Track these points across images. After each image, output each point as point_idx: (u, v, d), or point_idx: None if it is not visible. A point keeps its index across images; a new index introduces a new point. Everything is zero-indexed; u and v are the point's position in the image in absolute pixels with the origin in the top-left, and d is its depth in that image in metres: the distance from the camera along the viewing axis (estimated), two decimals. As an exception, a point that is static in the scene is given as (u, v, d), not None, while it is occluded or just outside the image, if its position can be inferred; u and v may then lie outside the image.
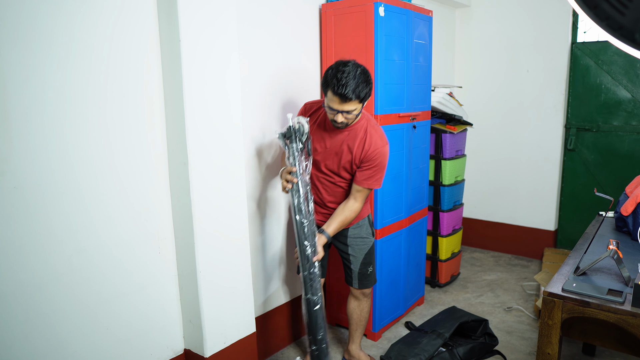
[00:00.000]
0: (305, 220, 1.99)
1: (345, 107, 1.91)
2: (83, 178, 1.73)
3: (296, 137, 1.98)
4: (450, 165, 3.30)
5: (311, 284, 2.00)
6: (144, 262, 1.96)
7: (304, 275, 2.01)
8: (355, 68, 1.90)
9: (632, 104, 3.49)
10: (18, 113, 1.54)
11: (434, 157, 3.33)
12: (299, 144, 1.99)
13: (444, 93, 3.27)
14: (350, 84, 1.87)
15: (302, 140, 1.99)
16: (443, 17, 3.93)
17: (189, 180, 1.92)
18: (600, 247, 1.91)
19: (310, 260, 1.99)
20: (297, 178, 1.99)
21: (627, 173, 3.46)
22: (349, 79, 1.87)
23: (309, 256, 1.99)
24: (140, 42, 1.85)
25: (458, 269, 3.62)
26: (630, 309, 1.42)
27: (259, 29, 2.30)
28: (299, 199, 1.99)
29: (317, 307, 2.00)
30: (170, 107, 1.94)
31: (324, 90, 1.96)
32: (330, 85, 1.90)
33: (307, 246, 1.98)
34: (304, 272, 2.01)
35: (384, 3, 2.36)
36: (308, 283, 2.00)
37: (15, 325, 1.58)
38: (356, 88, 1.88)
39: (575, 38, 3.68)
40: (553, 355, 1.57)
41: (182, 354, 2.16)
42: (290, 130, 1.99)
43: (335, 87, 1.88)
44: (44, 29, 1.57)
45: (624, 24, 0.54)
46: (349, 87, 1.87)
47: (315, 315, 2.00)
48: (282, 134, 2.01)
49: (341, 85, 1.86)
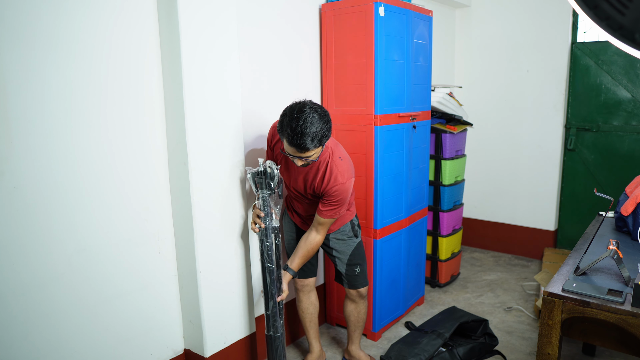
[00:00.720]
0: (272, 266, 2.02)
1: (304, 155, 1.82)
2: (83, 178, 1.73)
3: (266, 183, 1.97)
4: (450, 165, 3.30)
5: (273, 322, 2.08)
6: (144, 262, 1.96)
7: (267, 314, 2.07)
8: (311, 113, 1.77)
9: (632, 104, 3.49)
10: (18, 113, 1.54)
11: (434, 157, 3.32)
12: (268, 191, 1.98)
13: (444, 93, 3.27)
14: (306, 134, 1.74)
15: (271, 187, 1.98)
16: (443, 17, 3.93)
17: (189, 180, 1.92)
18: (600, 247, 1.91)
19: (274, 300, 2.05)
20: (264, 224, 2.00)
21: (627, 173, 3.46)
22: (305, 128, 1.74)
23: (274, 296, 2.05)
24: (140, 42, 1.86)
25: (458, 269, 3.62)
26: (630, 309, 1.42)
27: (259, 29, 2.29)
28: (267, 245, 2.01)
29: (278, 343, 2.10)
30: (170, 107, 1.94)
31: (280, 136, 1.84)
32: (285, 135, 1.78)
33: (272, 290, 2.04)
34: (267, 312, 2.07)
35: (384, 3, 2.36)
36: (270, 321, 2.08)
37: (15, 325, 1.58)
38: (314, 138, 1.76)
39: (575, 38, 3.68)
40: (553, 355, 1.57)
41: (182, 354, 2.16)
42: (260, 174, 1.97)
43: (291, 137, 1.76)
44: (44, 29, 1.57)
45: (624, 24, 0.54)
46: (306, 138, 1.75)
47: (277, 349, 2.10)
48: (252, 174, 2.00)
49: (297, 136, 1.74)
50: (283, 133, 1.80)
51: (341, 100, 2.58)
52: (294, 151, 1.82)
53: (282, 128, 1.80)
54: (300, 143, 1.76)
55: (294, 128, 1.75)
